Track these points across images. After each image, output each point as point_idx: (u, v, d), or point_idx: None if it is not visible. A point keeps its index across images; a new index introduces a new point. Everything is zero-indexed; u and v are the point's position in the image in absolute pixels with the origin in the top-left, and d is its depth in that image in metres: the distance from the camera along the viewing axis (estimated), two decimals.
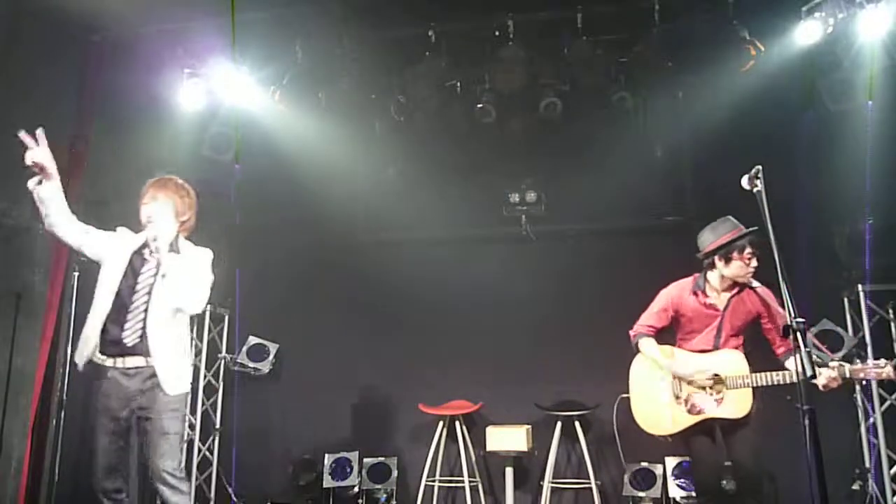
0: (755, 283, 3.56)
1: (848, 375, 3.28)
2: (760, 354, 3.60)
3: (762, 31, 4.90)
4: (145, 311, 3.10)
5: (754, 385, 3.41)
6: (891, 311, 4.96)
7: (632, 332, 3.78)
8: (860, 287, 4.82)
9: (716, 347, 3.58)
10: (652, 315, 3.75)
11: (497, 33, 5.27)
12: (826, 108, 4.97)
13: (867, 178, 4.76)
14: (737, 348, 3.55)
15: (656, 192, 5.73)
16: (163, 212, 3.21)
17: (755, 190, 2.74)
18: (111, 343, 3.09)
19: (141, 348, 3.10)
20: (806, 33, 4.75)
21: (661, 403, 3.62)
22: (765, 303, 3.52)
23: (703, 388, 3.53)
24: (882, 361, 3.29)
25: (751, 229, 3.44)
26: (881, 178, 4.79)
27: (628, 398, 3.79)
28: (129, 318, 3.10)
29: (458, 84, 5.63)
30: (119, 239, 3.29)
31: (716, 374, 3.52)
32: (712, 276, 3.60)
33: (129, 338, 3.09)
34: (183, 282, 3.12)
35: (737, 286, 3.58)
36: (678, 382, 3.60)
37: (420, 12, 5.22)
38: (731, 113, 5.00)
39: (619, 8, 5.20)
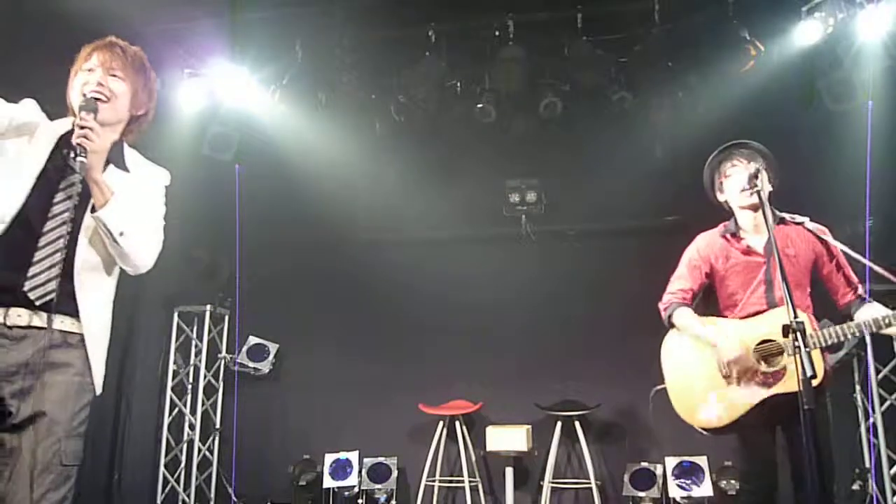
0: (800, 218, 2.90)
1: None
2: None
3: (762, 31, 4.89)
4: (66, 248, 1.89)
5: (824, 344, 2.59)
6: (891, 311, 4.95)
7: (661, 304, 3.05)
8: (860, 287, 4.81)
9: (771, 306, 2.79)
10: (681, 277, 3.02)
11: (497, 33, 5.26)
12: (826, 108, 4.97)
13: (867, 178, 4.76)
14: (797, 306, 2.41)
15: (656, 192, 5.73)
16: (118, 91, 2.07)
17: (755, 190, 2.74)
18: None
19: (64, 304, 1.90)
20: (806, 33, 4.74)
21: (706, 388, 2.81)
22: (820, 239, 2.86)
23: (755, 361, 2.71)
24: None
25: (726, 144, 3.02)
26: (881, 178, 4.79)
27: (664, 390, 2.98)
28: (37, 256, 1.87)
29: (458, 84, 5.63)
30: (27, 114, 2.02)
31: (766, 340, 2.72)
32: (739, 216, 2.98)
33: (39, 289, 1.85)
34: (132, 218, 1.97)
35: (776, 223, 2.84)
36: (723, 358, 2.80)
37: (420, 12, 5.22)
38: (731, 113, 4.99)
39: (619, 8, 5.21)
